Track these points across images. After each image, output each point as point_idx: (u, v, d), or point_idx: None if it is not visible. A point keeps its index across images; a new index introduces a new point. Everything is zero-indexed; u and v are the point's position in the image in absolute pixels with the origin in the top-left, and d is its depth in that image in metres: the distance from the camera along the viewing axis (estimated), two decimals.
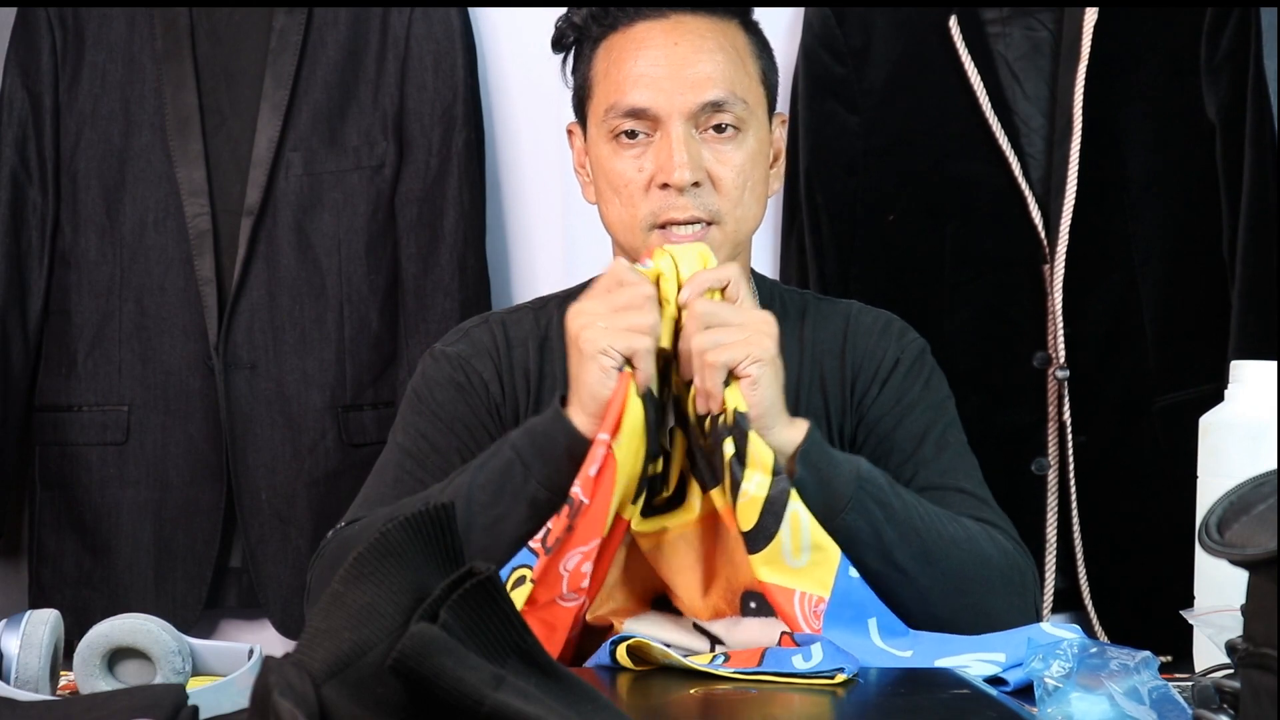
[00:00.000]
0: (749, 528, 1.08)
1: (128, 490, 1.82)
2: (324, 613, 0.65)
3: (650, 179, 1.26)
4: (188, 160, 1.80)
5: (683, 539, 1.16)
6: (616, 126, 1.27)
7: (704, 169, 1.25)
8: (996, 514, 1.25)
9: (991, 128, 1.70)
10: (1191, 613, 1.06)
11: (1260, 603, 0.70)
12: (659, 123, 1.26)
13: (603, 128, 1.29)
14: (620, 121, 1.27)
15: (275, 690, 0.60)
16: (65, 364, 1.84)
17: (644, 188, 1.26)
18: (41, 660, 0.92)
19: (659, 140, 1.26)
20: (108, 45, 1.83)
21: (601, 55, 1.30)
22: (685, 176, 1.23)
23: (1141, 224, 1.72)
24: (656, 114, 1.25)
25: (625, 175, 1.27)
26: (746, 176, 1.27)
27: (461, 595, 0.63)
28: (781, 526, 1.07)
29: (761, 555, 1.08)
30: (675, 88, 1.25)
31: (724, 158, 1.27)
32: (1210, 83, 1.70)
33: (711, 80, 1.26)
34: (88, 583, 1.82)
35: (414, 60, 1.83)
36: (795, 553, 1.07)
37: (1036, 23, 1.74)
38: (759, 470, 1.07)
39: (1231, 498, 0.73)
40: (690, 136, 1.25)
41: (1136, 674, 0.88)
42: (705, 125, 1.26)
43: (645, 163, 1.26)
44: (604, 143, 1.29)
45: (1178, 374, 1.71)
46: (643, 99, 1.25)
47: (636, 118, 1.26)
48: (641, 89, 1.26)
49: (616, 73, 1.28)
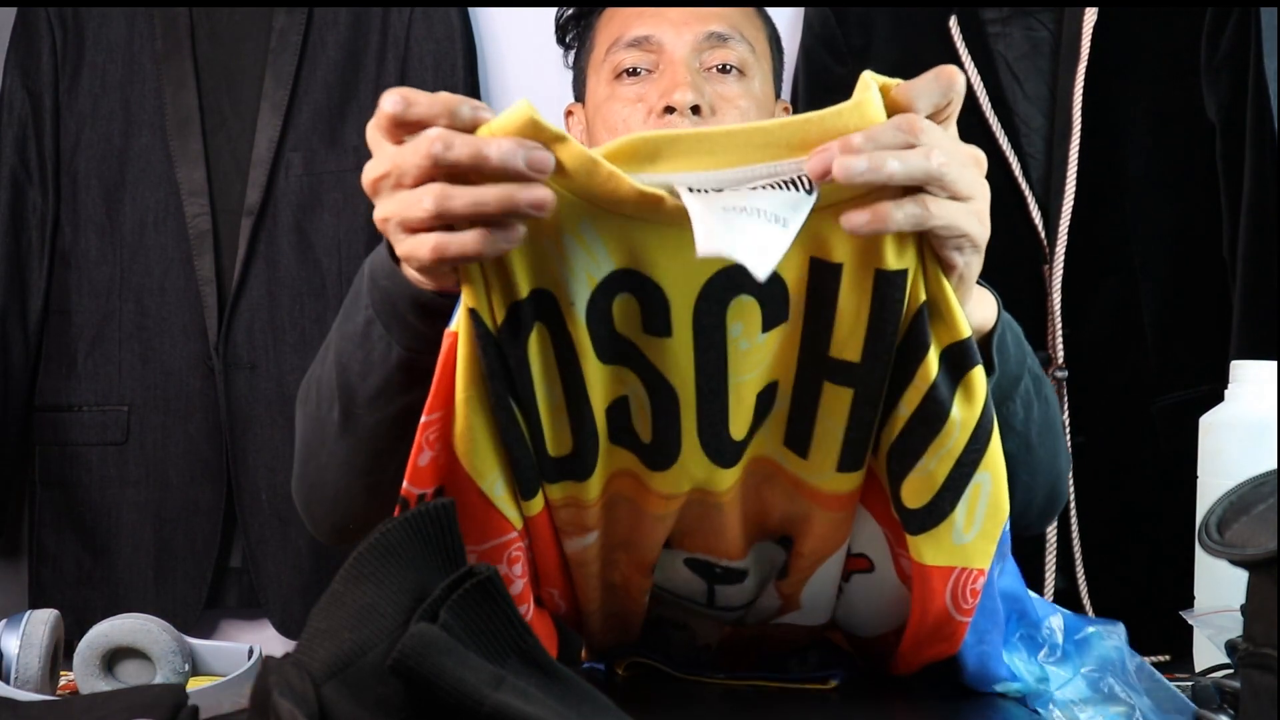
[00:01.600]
0: (919, 504, 0.82)
1: (128, 490, 1.82)
2: (324, 612, 0.65)
3: (650, 110, 1.22)
4: (188, 160, 1.81)
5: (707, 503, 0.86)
6: (619, 63, 1.25)
7: (706, 98, 1.21)
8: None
9: (991, 128, 1.70)
10: (1191, 613, 1.06)
11: (1260, 603, 0.70)
12: (661, 52, 1.23)
13: (604, 69, 1.26)
14: (623, 56, 1.24)
15: (275, 690, 0.60)
16: (65, 364, 1.84)
17: (643, 120, 1.22)
18: (41, 660, 0.92)
19: (661, 70, 1.23)
20: (108, 45, 1.84)
21: (604, 16, 1.30)
22: (687, 97, 1.19)
23: (1141, 224, 1.72)
24: (660, 41, 1.23)
25: (623, 112, 1.23)
26: (749, 119, 1.22)
27: (461, 595, 0.63)
28: (960, 502, 0.81)
29: (926, 535, 0.83)
30: (680, 18, 1.24)
31: (726, 95, 1.23)
32: (1210, 83, 1.70)
33: (716, 14, 1.25)
34: (88, 582, 1.82)
35: (414, 60, 1.83)
36: (967, 527, 0.82)
37: (1036, 23, 1.75)
38: (968, 405, 0.79)
39: (1231, 498, 0.73)
40: (694, 68, 1.23)
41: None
42: (709, 62, 1.24)
43: (646, 92, 1.23)
44: (604, 85, 1.26)
45: (1177, 374, 1.71)
46: (645, 28, 1.24)
47: (639, 48, 1.24)
48: (646, 19, 1.25)
49: (620, 15, 1.27)
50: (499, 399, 0.78)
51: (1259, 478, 0.74)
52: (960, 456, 0.80)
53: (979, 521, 0.82)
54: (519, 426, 0.79)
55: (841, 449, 0.83)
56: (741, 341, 0.79)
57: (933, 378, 0.77)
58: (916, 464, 0.81)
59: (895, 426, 0.81)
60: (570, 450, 0.82)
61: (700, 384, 0.80)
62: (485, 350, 0.76)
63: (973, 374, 0.78)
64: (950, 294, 0.76)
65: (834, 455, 0.83)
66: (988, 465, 0.81)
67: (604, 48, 1.27)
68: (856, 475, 0.84)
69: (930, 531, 0.82)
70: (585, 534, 0.87)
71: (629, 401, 0.82)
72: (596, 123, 1.27)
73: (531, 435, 0.80)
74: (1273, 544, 0.67)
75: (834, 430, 0.82)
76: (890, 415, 0.81)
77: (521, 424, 0.80)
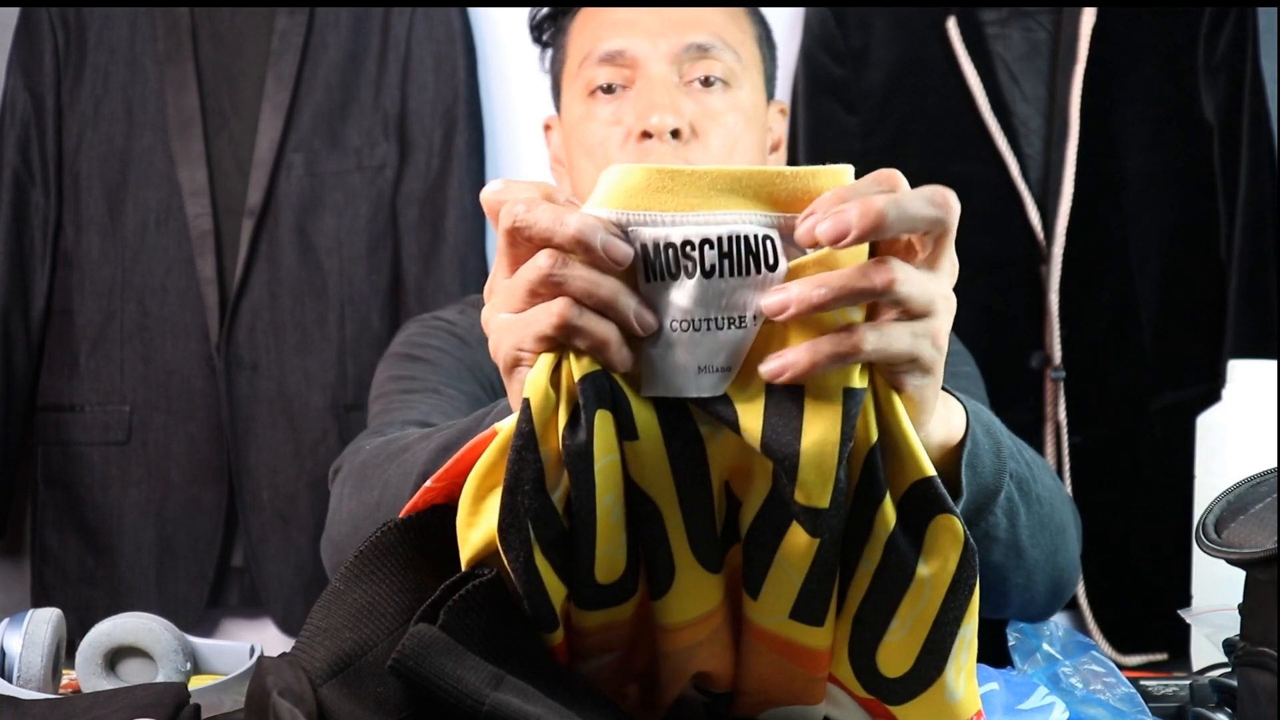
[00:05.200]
0: (899, 673, 0.69)
1: (130, 490, 1.82)
2: (324, 611, 0.65)
3: (627, 133, 1.12)
4: (189, 161, 1.81)
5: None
6: (591, 81, 1.14)
7: (686, 119, 1.11)
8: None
9: (990, 129, 1.71)
10: (1189, 612, 1.06)
11: (1258, 602, 0.70)
12: (637, 68, 1.13)
13: (576, 86, 1.16)
14: (595, 73, 1.14)
15: (274, 691, 0.60)
16: (67, 364, 1.84)
17: (620, 144, 1.12)
18: (44, 659, 0.93)
19: (637, 88, 1.13)
20: (110, 46, 1.84)
21: (578, 21, 1.20)
22: (666, 121, 1.09)
23: (1139, 224, 1.72)
24: (634, 56, 1.13)
25: (598, 134, 1.13)
26: (736, 138, 1.13)
27: (462, 596, 0.63)
28: (948, 662, 0.68)
29: (914, 704, 0.70)
30: (656, 29, 1.13)
31: (710, 111, 1.12)
32: (1208, 83, 1.70)
33: (698, 22, 1.14)
34: (90, 582, 1.82)
35: (415, 61, 1.83)
36: (960, 683, 0.69)
37: (1035, 24, 1.75)
38: (938, 560, 0.66)
39: (1229, 497, 0.74)
40: (673, 83, 1.12)
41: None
42: (690, 75, 1.13)
43: (622, 113, 1.13)
44: (578, 102, 1.16)
45: (1175, 374, 1.71)
46: (619, 42, 1.13)
47: (613, 63, 1.14)
48: (619, 32, 1.14)
49: (593, 23, 1.16)
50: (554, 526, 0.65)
51: (1256, 477, 0.74)
52: (938, 618, 0.67)
53: (968, 667, 0.70)
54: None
55: (798, 597, 0.68)
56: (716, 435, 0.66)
57: (891, 527, 0.65)
58: (889, 628, 0.68)
59: (860, 585, 0.68)
60: (620, 576, 0.67)
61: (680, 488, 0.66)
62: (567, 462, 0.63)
63: (939, 522, 0.66)
64: (907, 426, 0.64)
65: (788, 601, 0.69)
66: (973, 615, 0.68)
67: (577, 60, 1.17)
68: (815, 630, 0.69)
69: (919, 698, 0.70)
70: (605, 654, 0.71)
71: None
72: (573, 142, 1.17)
73: (576, 560, 0.66)
74: (1270, 543, 0.67)
75: (791, 577, 0.68)
76: (853, 572, 0.68)
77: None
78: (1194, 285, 1.72)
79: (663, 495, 0.66)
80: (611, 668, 0.72)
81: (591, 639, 0.69)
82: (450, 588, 0.63)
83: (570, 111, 1.17)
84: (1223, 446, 1.19)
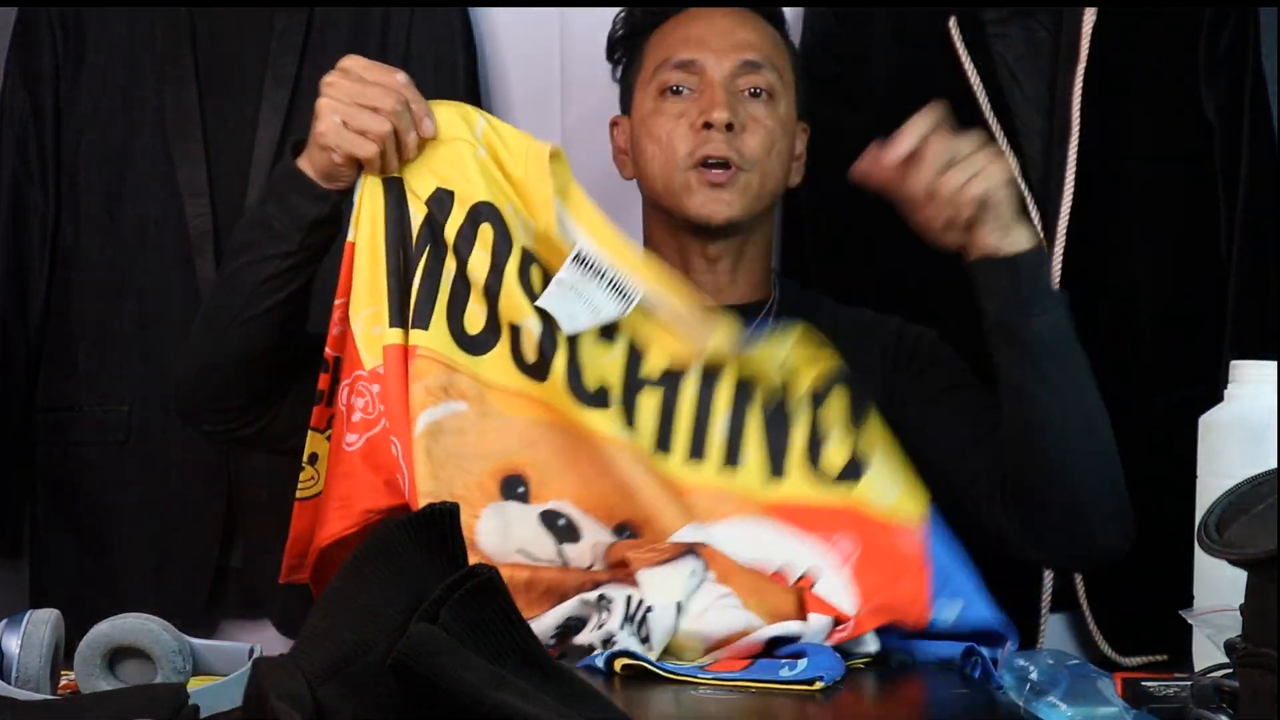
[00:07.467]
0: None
1: (129, 490, 1.82)
2: (324, 611, 0.65)
3: (691, 124, 1.44)
4: (188, 160, 1.80)
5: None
6: (665, 81, 1.47)
7: (739, 118, 1.44)
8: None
9: (991, 128, 1.70)
10: (1190, 612, 1.06)
11: (1259, 602, 0.70)
12: (703, 75, 1.46)
13: (650, 86, 1.49)
14: (669, 75, 1.47)
15: (271, 693, 0.60)
16: (66, 364, 1.84)
17: (685, 134, 1.45)
18: (42, 660, 0.92)
19: (701, 91, 1.46)
20: (108, 46, 1.83)
21: (655, 38, 1.52)
22: (724, 115, 1.42)
23: (1140, 225, 1.72)
24: (702, 65, 1.47)
25: (667, 125, 1.46)
26: (774, 139, 1.47)
27: (462, 596, 0.63)
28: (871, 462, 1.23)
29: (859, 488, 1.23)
30: (720, 46, 1.48)
31: (756, 116, 1.47)
32: (1209, 83, 1.70)
33: (751, 45, 1.49)
34: (88, 582, 1.82)
35: (415, 61, 1.82)
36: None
37: (1036, 23, 1.74)
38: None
39: (1230, 498, 0.74)
40: (730, 90, 1.45)
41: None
42: (743, 86, 1.47)
43: (688, 110, 1.46)
44: (650, 100, 1.49)
45: (1176, 374, 1.71)
46: (690, 54, 1.47)
47: (684, 70, 1.47)
48: (690, 47, 1.48)
49: (670, 36, 1.50)
50: (398, 246, 1.20)
51: (1257, 478, 0.74)
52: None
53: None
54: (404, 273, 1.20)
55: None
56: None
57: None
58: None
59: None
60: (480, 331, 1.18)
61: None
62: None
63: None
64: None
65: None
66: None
67: (652, 67, 1.50)
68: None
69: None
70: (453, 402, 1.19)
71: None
72: (641, 133, 1.49)
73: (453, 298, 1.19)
74: (1272, 544, 0.67)
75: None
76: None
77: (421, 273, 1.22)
78: (1195, 285, 1.72)
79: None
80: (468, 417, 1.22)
81: (421, 363, 1.20)
82: (451, 587, 0.63)
83: (642, 107, 1.50)
84: (1224, 447, 1.19)
